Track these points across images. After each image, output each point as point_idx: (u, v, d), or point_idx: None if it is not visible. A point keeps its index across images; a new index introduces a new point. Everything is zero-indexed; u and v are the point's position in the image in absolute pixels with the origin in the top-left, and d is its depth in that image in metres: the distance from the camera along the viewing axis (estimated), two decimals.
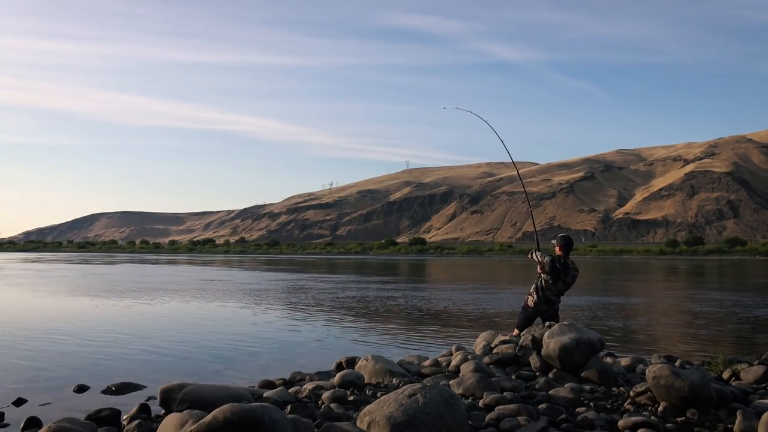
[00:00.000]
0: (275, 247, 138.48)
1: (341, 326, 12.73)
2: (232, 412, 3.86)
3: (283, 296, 20.09)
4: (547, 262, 7.60)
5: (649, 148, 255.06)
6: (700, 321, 13.71)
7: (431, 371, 6.86)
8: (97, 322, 13.18)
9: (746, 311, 15.71)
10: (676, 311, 16.36)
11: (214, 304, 17.24)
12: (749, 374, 6.20)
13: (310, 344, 10.38)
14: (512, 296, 19.93)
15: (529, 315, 7.82)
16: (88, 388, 6.80)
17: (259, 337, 11.11)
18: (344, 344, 10.26)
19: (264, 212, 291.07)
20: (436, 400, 4.33)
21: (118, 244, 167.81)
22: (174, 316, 14.75)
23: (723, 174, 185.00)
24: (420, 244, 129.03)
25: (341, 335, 11.46)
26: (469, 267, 53.01)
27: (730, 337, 11.38)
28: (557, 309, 7.86)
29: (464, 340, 10.05)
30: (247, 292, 21.73)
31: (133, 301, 17.79)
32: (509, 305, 16.86)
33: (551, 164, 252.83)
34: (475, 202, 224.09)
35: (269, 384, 6.58)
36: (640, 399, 5.30)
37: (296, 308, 16.16)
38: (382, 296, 20.00)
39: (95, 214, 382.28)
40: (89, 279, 30.00)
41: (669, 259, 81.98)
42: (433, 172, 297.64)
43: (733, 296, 21.09)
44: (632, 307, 17.08)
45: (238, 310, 15.69)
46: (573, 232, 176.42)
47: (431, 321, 13.73)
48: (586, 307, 16.61)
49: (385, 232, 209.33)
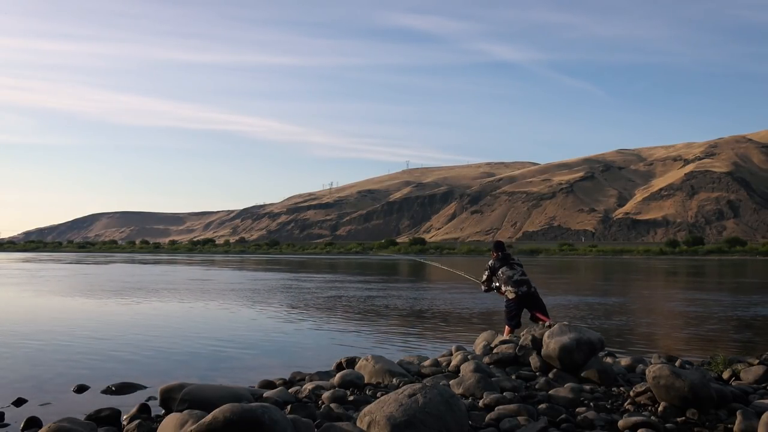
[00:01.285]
0: (275, 247, 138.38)
1: (341, 326, 12.73)
2: (232, 412, 3.86)
3: (281, 297, 20.07)
4: (489, 266, 8.49)
5: (649, 148, 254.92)
6: (700, 321, 13.71)
7: (431, 371, 6.86)
8: (97, 322, 13.18)
9: (746, 311, 15.71)
10: (675, 311, 16.36)
11: (212, 304, 17.23)
12: (749, 374, 6.20)
13: (310, 344, 10.38)
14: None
15: (513, 308, 8.12)
16: (88, 388, 6.80)
17: (259, 337, 11.11)
18: (344, 344, 10.26)
19: (264, 212, 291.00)
20: (436, 400, 4.33)
21: (118, 244, 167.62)
22: (173, 316, 14.74)
23: (723, 174, 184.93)
24: (420, 244, 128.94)
25: (341, 335, 11.45)
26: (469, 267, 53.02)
27: (730, 337, 11.38)
28: (536, 288, 8.30)
29: (464, 340, 10.04)
30: (238, 291, 21.72)
31: (123, 301, 17.79)
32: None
33: (551, 164, 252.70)
34: (475, 202, 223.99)
35: (269, 384, 6.58)
36: (640, 399, 5.30)
37: (296, 308, 16.16)
38: (382, 296, 20.00)
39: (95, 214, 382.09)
40: (78, 279, 30.00)
41: (669, 259, 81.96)
42: (433, 172, 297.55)
43: (733, 296, 21.09)
44: (632, 307, 17.08)
45: (238, 310, 15.69)
46: (573, 232, 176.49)
47: (431, 321, 13.73)
48: (586, 307, 16.61)
49: (385, 232, 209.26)
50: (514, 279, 8.10)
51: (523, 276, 8.18)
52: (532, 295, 8.10)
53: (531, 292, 8.09)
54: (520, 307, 8.07)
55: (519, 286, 8.06)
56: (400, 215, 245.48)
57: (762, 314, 15.04)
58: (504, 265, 8.28)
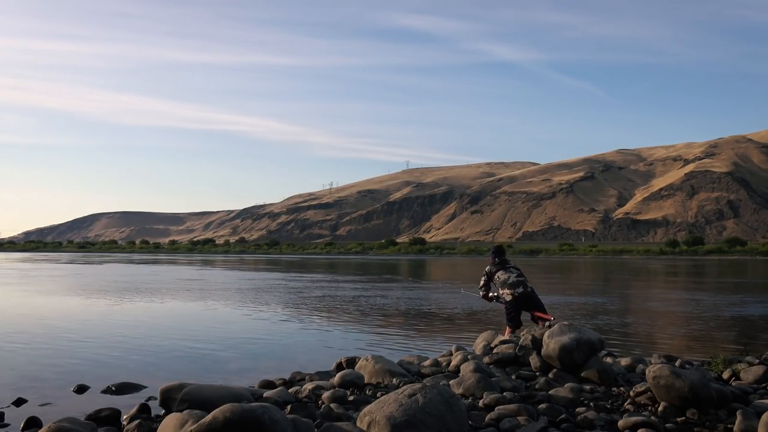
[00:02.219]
0: (275, 247, 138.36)
1: (341, 326, 12.73)
2: (232, 412, 3.86)
3: (281, 297, 20.08)
4: (486, 271, 8.62)
5: (649, 148, 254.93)
6: (700, 321, 13.70)
7: (431, 371, 6.86)
8: (96, 321, 13.18)
9: (746, 311, 15.70)
10: (675, 311, 16.35)
11: (212, 304, 17.23)
12: (749, 374, 6.20)
13: (310, 344, 10.38)
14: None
15: (512, 309, 8.23)
16: (88, 388, 6.80)
17: (258, 337, 11.11)
18: (344, 344, 10.26)
19: (264, 212, 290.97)
20: (436, 400, 4.33)
21: (118, 244, 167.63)
22: (173, 316, 14.74)
23: (723, 174, 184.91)
24: (420, 244, 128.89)
25: (341, 335, 11.46)
26: (469, 267, 52.98)
27: (730, 337, 11.38)
28: (533, 288, 8.40)
29: (464, 340, 10.05)
30: (236, 291, 21.73)
31: (122, 301, 17.79)
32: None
33: (551, 164, 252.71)
34: (475, 202, 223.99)
35: (269, 384, 6.58)
36: (640, 399, 5.30)
37: (296, 308, 16.15)
38: (382, 296, 19.99)
39: (95, 214, 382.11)
40: (73, 279, 30.00)
41: (669, 260, 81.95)
42: (433, 172, 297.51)
43: (733, 296, 21.08)
44: (632, 307, 17.08)
45: (238, 310, 15.69)
46: (573, 232, 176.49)
47: (431, 321, 13.73)
48: (586, 307, 16.60)
49: (385, 232, 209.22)
50: (510, 282, 8.26)
51: (519, 278, 8.32)
52: (529, 295, 8.23)
53: (527, 293, 8.22)
54: (519, 308, 8.23)
55: (515, 287, 8.21)
56: (400, 215, 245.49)
57: (762, 314, 15.03)
58: (500, 269, 8.45)
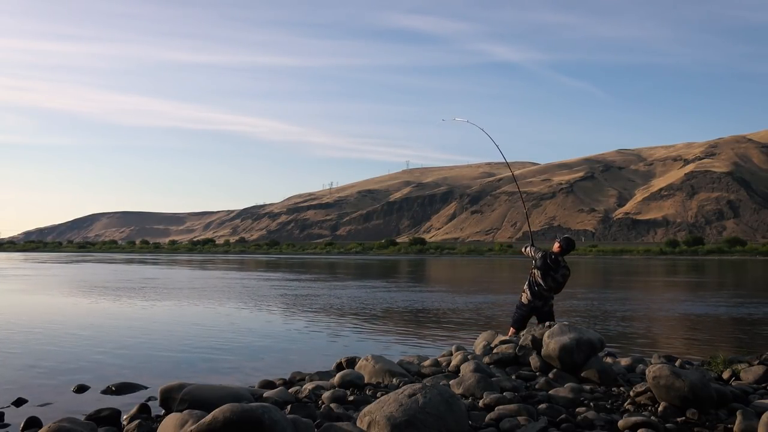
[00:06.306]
0: (275, 247, 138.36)
1: (341, 326, 12.73)
2: (232, 412, 3.86)
3: (282, 297, 20.08)
4: (539, 258, 7.78)
5: (649, 148, 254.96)
6: (700, 321, 13.71)
7: (431, 371, 6.85)
8: (96, 322, 13.18)
9: (746, 311, 15.71)
10: (675, 311, 16.35)
11: (212, 303, 17.24)
12: (749, 374, 6.19)
13: (310, 344, 10.38)
14: (512, 296, 19.90)
15: (523, 312, 7.93)
16: (88, 388, 6.80)
17: (258, 337, 11.11)
18: (344, 344, 10.26)
19: (264, 212, 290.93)
20: (436, 400, 4.33)
21: (118, 245, 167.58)
22: (173, 316, 14.74)
23: (723, 174, 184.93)
24: (420, 244, 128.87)
25: (341, 335, 11.46)
26: (469, 267, 52.99)
27: (730, 337, 11.38)
28: (552, 306, 7.93)
29: (464, 340, 10.05)
30: (239, 292, 21.73)
31: (123, 301, 17.80)
32: (509, 305, 16.83)
33: (551, 164, 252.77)
34: (475, 202, 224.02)
35: (269, 384, 6.58)
36: (640, 399, 5.29)
37: (296, 308, 16.16)
38: (381, 296, 20.00)
39: (95, 214, 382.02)
40: (68, 278, 30.01)
41: (669, 260, 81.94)
42: (433, 172, 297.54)
43: (733, 296, 21.08)
44: (632, 307, 17.07)
45: (237, 310, 15.69)
46: (573, 232, 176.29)
47: (431, 321, 13.73)
48: (586, 307, 16.61)
49: (385, 232, 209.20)
50: (536, 290, 7.75)
51: (547, 292, 7.75)
52: (541, 309, 7.78)
53: (544, 311, 7.77)
54: (529, 314, 7.86)
55: (536, 297, 7.77)
56: (400, 215, 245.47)
57: (762, 314, 15.03)
58: (544, 269, 7.69)
